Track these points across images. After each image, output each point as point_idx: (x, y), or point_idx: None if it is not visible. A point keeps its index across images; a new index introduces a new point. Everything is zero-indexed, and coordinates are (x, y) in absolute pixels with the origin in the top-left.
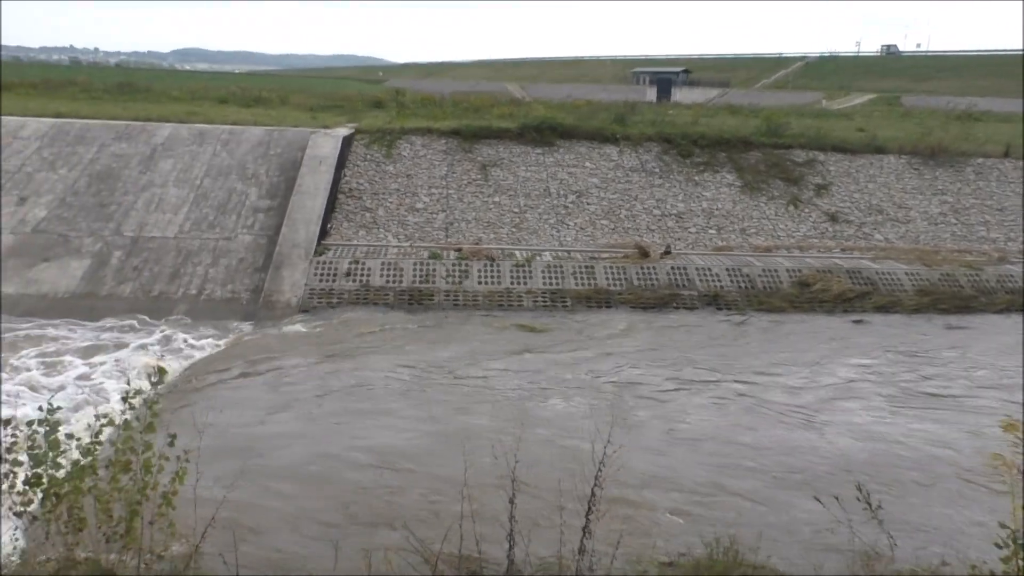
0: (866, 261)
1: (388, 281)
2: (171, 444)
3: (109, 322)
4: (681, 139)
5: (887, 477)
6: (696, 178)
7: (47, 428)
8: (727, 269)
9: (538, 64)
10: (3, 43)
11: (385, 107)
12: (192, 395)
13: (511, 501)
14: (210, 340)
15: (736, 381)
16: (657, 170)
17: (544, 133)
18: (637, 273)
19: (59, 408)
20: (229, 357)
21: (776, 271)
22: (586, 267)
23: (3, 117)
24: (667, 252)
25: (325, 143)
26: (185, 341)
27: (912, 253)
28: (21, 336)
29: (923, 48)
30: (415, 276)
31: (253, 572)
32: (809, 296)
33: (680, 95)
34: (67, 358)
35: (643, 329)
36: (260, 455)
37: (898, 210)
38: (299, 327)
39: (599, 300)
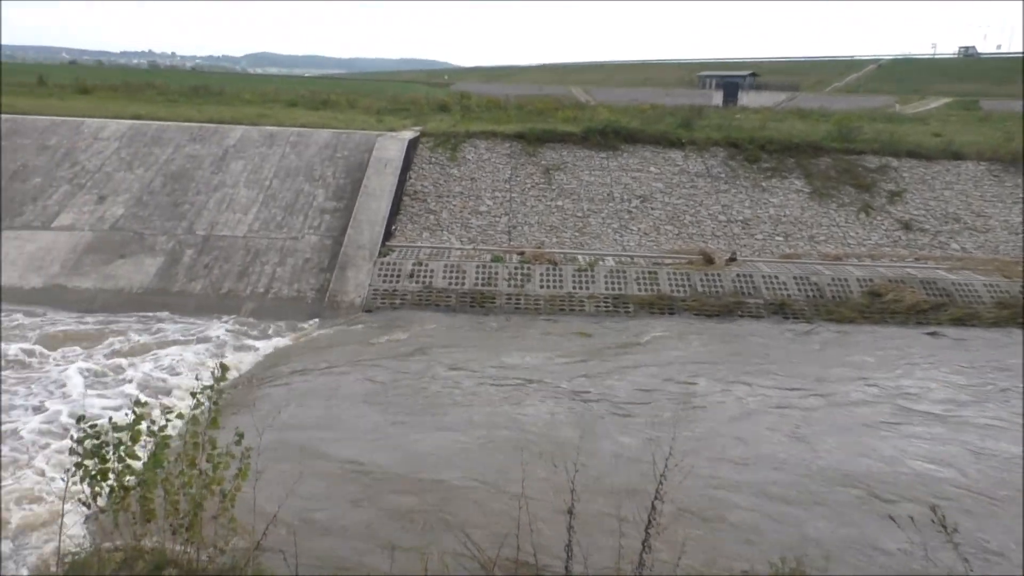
0: (941, 271)
1: (451, 283)
2: (238, 443)
3: (179, 318)
4: (748, 144)
5: (971, 499)
6: (763, 184)
7: (131, 421)
8: (795, 277)
9: (603, 68)
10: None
11: (450, 110)
12: (256, 392)
13: (569, 511)
14: (276, 338)
15: (805, 392)
16: (723, 175)
17: (608, 137)
18: (701, 280)
19: (145, 403)
20: (294, 356)
21: (846, 280)
22: (649, 273)
23: (85, 119)
24: (732, 259)
25: (391, 146)
26: (252, 339)
27: (991, 264)
28: (96, 330)
29: (1003, 49)
30: (477, 279)
31: (311, 569)
32: (880, 307)
33: (747, 99)
34: (139, 352)
35: (708, 337)
36: (321, 453)
37: (976, 219)
38: (362, 327)
39: (662, 306)
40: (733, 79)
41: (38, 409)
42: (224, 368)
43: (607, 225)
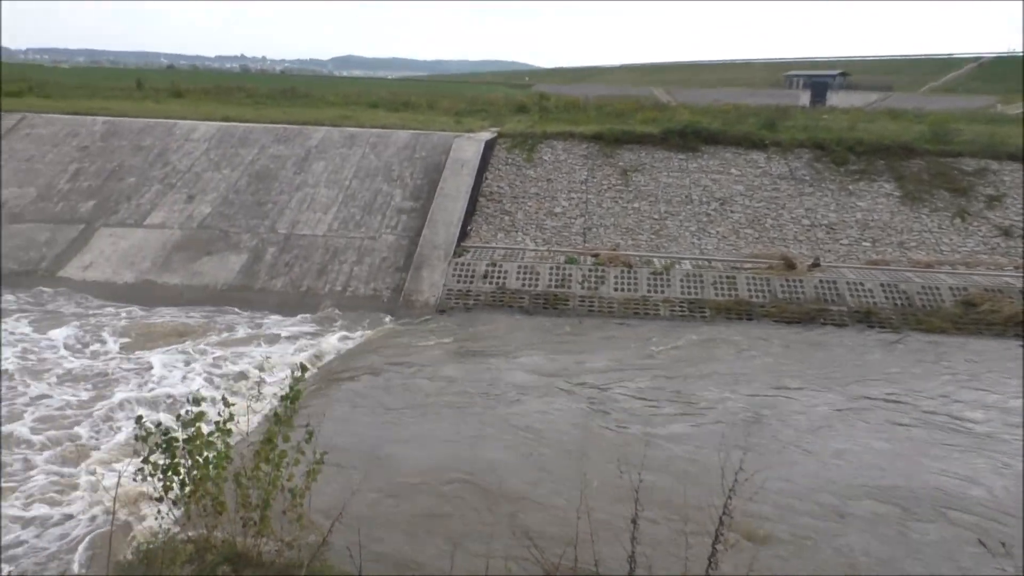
0: None
1: (524, 284)
2: (308, 440)
3: (260, 314)
4: (835, 145)
5: None
6: (850, 187)
7: (190, 418)
8: (882, 284)
9: (686, 68)
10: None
11: (528, 111)
12: (331, 390)
13: (633, 521)
14: (352, 336)
15: (892, 401)
16: (808, 178)
17: (688, 138)
18: (782, 285)
19: (203, 399)
20: (369, 353)
21: (937, 288)
22: (727, 277)
23: (178, 121)
24: (816, 264)
25: (468, 147)
26: (329, 336)
27: None
28: (183, 324)
29: None
30: (551, 280)
31: (375, 567)
32: (975, 317)
33: (836, 99)
34: (222, 347)
35: (788, 344)
36: (390, 453)
37: None
38: (436, 327)
39: (740, 312)
40: (821, 78)
41: (122, 404)
42: (303, 369)
43: (684, 228)
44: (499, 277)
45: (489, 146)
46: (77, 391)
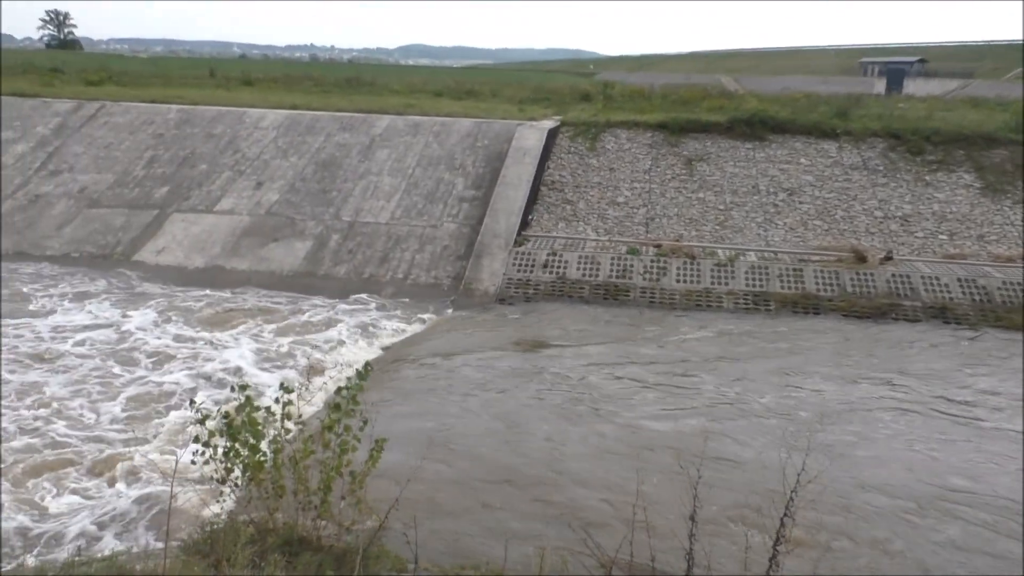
0: None
1: (584, 275)
2: (362, 428)
3: (323, 300)
4: (911, 135)
5: None
6: (927, 178)
7: (244, 402)
8: (959, 279)
9: (754, 55)
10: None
11: (592, 100)
12: (391, 376)
13: (691, 518)
14: (413, 323)
15: (970, 405)
16: (881, 168)
17: (756, 127)
18: (852, 279)
19: (249, 385)
20: (429, 341)
21: (1020, 284)
22: (794, 270)
23: (248, 109)
24: (888, 258)
25: (530, 135)
26: (390, 323)
27: None
28: (248, 309)
29: None
30: (612, 271)
31: (431, 553)
32: None
33: (913, 87)
34: (283, 332)
35: (858, 340)
36: (448, 440)
37: None
38: (495, 316)
39: (806, 306)
40: (898, 65)
41: (191, 390)
42: (367, 367)
43: (750, 219)
44: (559, 267)
45: (552, 135)
46: (151, 371)
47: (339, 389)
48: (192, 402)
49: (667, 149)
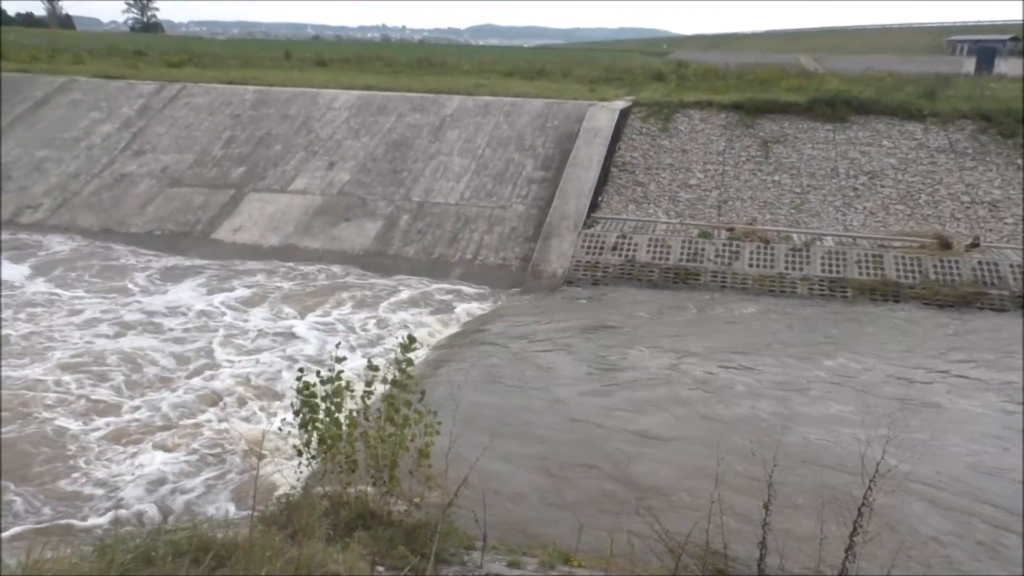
0: None
1: (654, 258)
2: (420, 400)
3: (393, 279)
4: (1004, 116)
5: None
6: (1019, 161)
7: (330, 377)
8: None
9: (836, 34)
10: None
11: (665, 80)
12: (458, 356)
13: (765, 507)
14: (481, 304)
15: None
16: (970, 151)
17: (836, 108)
18: (935, 266)
19: (344, 358)
20: (497, 321)
21: None
22: (873, 255)
23: (321, 90)
24: (975, 244)
25: (601, 116)
26: (458, 303)
27: None
28: (321, 288)
29: None
30: (682, 254)
31: (498, 531)
32: None
33: (1005, 66)
34: (356, 310)
35: (941, 329)
36: (516, 421)
37: None
38: (563, 298)
39: (885, 293)
40: (990, 44)
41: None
42: (411, 340)
43: (828, 203)
44: (629, 249)
45: (623, 115)
46: (226, 349)
47: (397, 362)
48: (301, 371)
49: (742, 130)
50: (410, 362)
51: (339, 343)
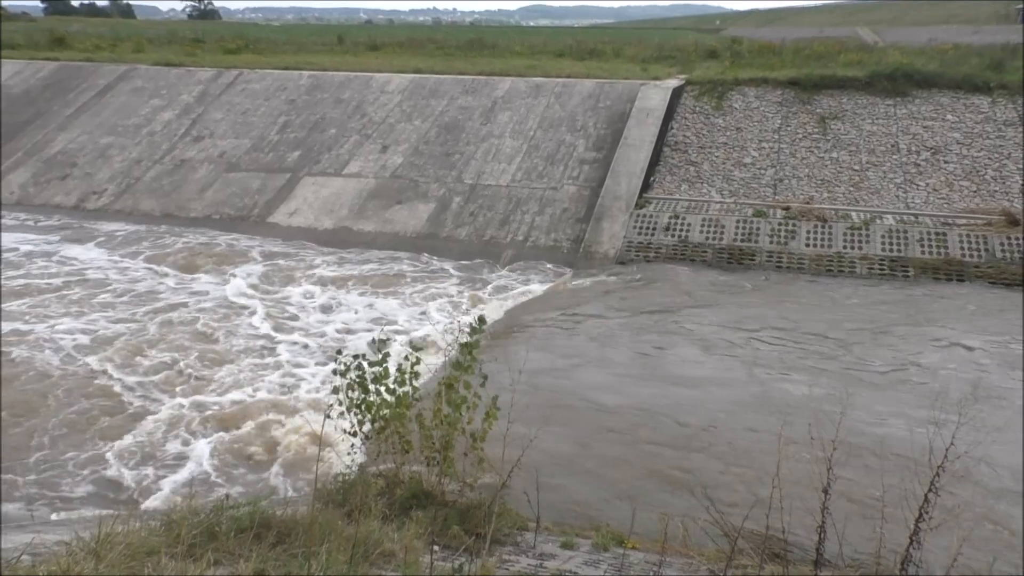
0: None
1: (707, 238)
2: (483, 385)
3: (445, 261)
4: None
5: None
6: None
7: (379, 358)
8: None
9: (896, 6)
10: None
11: (719, 57)
12: (511, 336)
13: (825, 491)
14: (533, 285)
15: None
16: None
17: (897, 82)
18: (1002, 244)
19: (388, 340)
20: (548, 303)
21: None
22: (936, 234)
23: (374, 74)
24: None
25: (654, 95)
26: (511, 284)
27: None
28: (373, 270)
29: None
30: (736, 234)
31: (552, 513)
32: None
33: None
34: (409, 291)
35: (1010, 310)
36: (570, 402)
37: None
38: (615, 279)
39: (949, 272)
40: None
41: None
42: (482, 321)
43: (888, 180)
44: (682, 230)
45: (676, 94)
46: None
47: (463, 345)
48: (339, 352)
49: (798, 107)
50: (476, 345)
51: (383, 329)
